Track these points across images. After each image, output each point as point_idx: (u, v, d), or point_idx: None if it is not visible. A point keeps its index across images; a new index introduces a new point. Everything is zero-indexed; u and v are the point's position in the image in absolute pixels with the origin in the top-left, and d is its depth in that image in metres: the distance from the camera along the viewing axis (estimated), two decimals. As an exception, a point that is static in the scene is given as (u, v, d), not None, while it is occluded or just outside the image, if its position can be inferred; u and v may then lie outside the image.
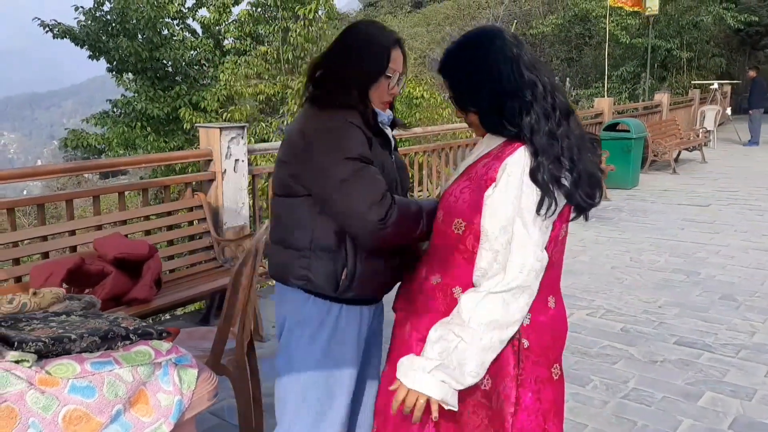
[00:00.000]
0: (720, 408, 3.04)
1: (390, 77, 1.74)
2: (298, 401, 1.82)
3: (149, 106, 10.91)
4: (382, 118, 1.77)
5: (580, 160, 1.47)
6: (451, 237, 1.54)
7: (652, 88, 15.45)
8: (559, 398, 1.57)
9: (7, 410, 1.25)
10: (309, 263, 1.71)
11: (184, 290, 3.67)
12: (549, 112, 1.46)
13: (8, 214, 3.40)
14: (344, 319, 1.76)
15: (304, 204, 1.71)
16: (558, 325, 1.57)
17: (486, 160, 1.53)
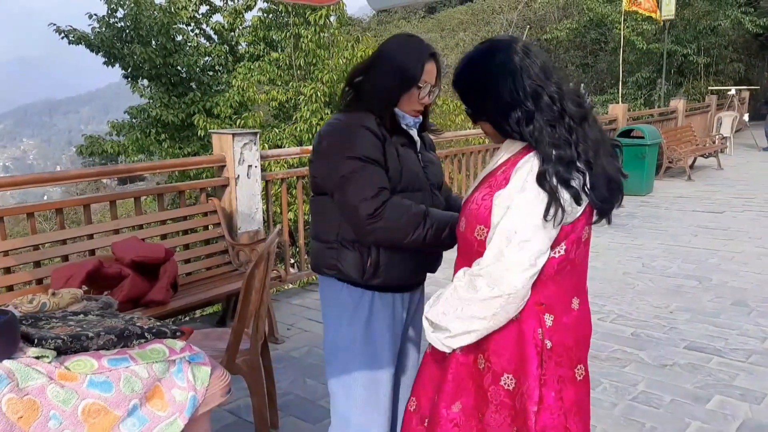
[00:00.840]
0: (728, 411, 3.05)
1: (421, 87, 1.85)
2: (346, 389, 1.95)
3: (164, 113, 11.03)
4: (406, 120, 1.90)
5: (597, 163, 1.50)
6: (473, 243, 1.58)
7: (668, 94, 15.36)
8: (583, 398, 1.60)
9: (30, 402, 1.32)
10: (337, 254, 1.87)
11: (200, 293, 3.74)
12: (557, 120, 1.49)
13: (27, 219, 3.50)
14: (377, 305, 1.90)
15: (328, 200, 1.85)
16: (582, 326, 1.59)
17: (504, 167, 1.57)
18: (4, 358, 1.33)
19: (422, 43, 1.90)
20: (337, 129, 1.85)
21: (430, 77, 1.86)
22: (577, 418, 1.55)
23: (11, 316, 1.39)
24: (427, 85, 1.86)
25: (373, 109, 1.84)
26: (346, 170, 1.76)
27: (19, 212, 3.58)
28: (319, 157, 1.87)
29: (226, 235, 4.20)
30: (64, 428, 1.34)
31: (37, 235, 3.53)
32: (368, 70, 1.89)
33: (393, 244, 1.81)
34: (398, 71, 1.84)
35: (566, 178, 1.43)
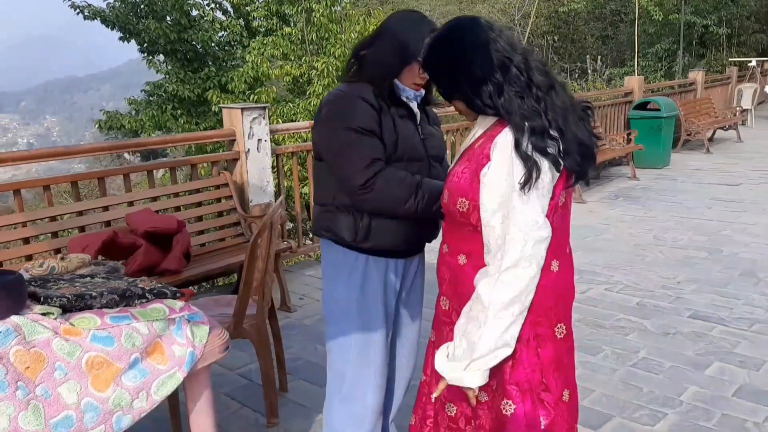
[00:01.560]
0: (727, 377, 3.10)
1: (421, 62, 1.87)
2: (341, 347, 2.04)
3: (180, 88, 11.11)
4: (407, 93, 1.95)
5: (568, 129, 1.55)
6: (456, 214, 1.63)
7: (689, 66, 15.08)
8: (563, 355, 1.65)
9: (36, 355, 1.42)
10: (333, 217, 1.95)
11: (213, 263, 3.85)
12: (524, 90, 1.53)
13: (44, 191, 3.62)
14: (371, 268, 1.97)
15: (326, 166, 1.93)
16: (562, 287, 1.63)
17: (481, 140, 1.61)
18: (12, 314, 1.43)
19: (424, 19, 1.95)
20: (336, 99, 1.92)
21: None
22: (556, 374, 1.62)
23: (18, 275, 1.49)
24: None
25: (373, 80, 1.90)
26: (341, 141, 1.83)
27: (36, 185, 3.70)
28: (318, 125, 1.94)
29: (238, 207, 4.29)
30: (69, 378, 1.44)
31: (54, 207, 3.66)
32: (372, 44, 1.94)
33: (386, 213, 1.88)
34: (399, 45, 1.88)
35: (541, 146, 1.47)
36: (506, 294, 1.49)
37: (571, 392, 1.67)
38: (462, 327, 1.58)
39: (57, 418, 1.42)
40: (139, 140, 4.32)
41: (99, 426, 1.48)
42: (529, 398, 1.60)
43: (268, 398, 2.80)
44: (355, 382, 2.02)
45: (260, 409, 2.90)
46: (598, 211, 6.56)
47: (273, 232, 2.66)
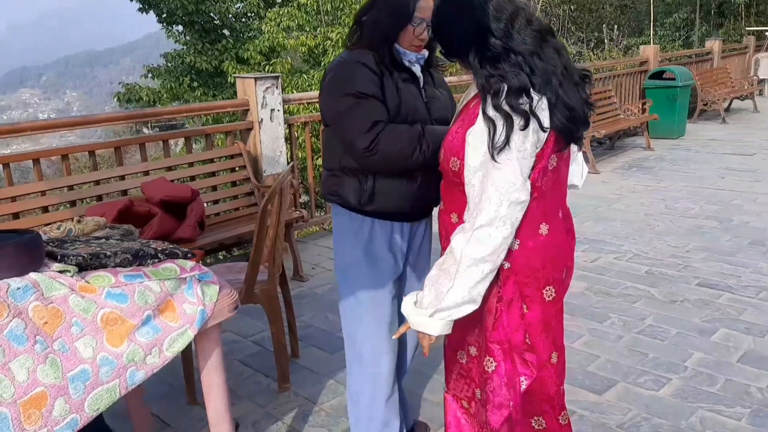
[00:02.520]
0: (732, 343, 3.14)
1: (416, 24, 1.90)
2: (351, 306, 2.11)
3: (197, 59, 11.18)
4: (409, 57, 1.96)
5: (550, 91, 1.54)
6: (450, 174, 1.68)
7: (706, 36, 14.78)
8: (552, 317, 1.69)
9: (54, 310, 1.49)
10: (339, 181, 2.00)
11: (226, 231, 3.93)
12: (500, 55, 1.54)
13: (63, 161, 3.70)
14: (377, 231, 2.02)
15: (332, 132, 1.98)
16: (551, 249, 1.66)
17: (475, 100, 1.65)
18: (30, 271, 1.50)
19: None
20: (337, 66, 1.95)
21: (424, 13, 1.89)
22: (544, 336, 1.66)
23: (36, 233, 1.56)
24: (422, 21, 1.90)
25: (372, 45, 1.93)
26: (342, 106, 1.86)
27: (54, 154, 3.78)
28: (322, 93, 1.98)
29: (252, 177, 4.35)
30: (85, 333, 1.51)
31: (72, 176, 3.74)
32: (369, 9, 1.97)
33: (396, 169, 1.91)
34: (393, 8, 1.91)
35: (512, 103, 1.50)
36: (478, 251, 1.53)
37: (559, 354, 1.72)
38: (433, 278, 1.63)
39: (74, 372, 1.49)
40: (155, 110, 4.39)
41: (114, 380, 1.55)
42: (509, 358, 1.66)
43: (279, 363, 2.88)
44: (365, 345, 2.09)
45: (272, 375, 2.99)
46: (610, 182, 6.55)
47: (283, 199, 2.71)
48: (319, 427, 2.63)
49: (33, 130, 3.55)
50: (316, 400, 2.82)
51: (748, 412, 2.57)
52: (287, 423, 2.66)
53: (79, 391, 1.48)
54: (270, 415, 2.73)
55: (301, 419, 2.68)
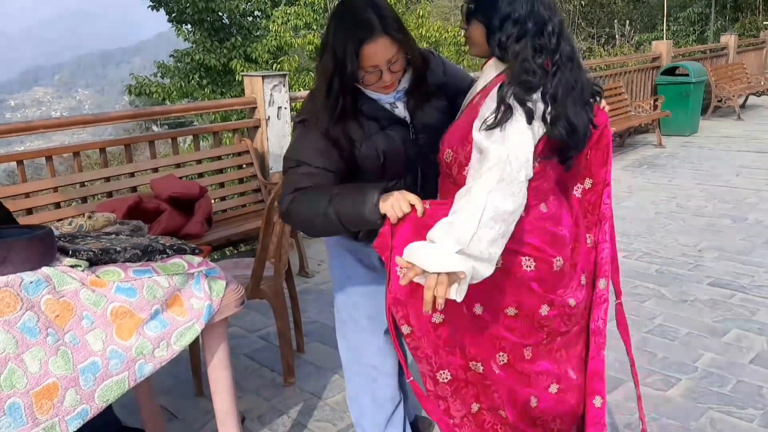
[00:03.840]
0: (744, 344, 3.10)
1: (369, 73, 1.67)
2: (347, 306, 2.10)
3: (206, 57, 11.28)
4: (385, 100, 1.76)
5: (562, 104, 1.52)
6: (443, 166, 1.69)
7: (721, 30, 14.65)
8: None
9: (65, 304, 1.51)
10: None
11: (233, 228, 3.96)
12: (546, 49, 1.53)
13: (74, 158, 3.73)
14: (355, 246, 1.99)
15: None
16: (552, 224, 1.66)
17: (478, 96, 1.64)
18: (43, 265, 1.52)
19: (358, 22, 1.64)
20: (298, 123, 1.79)
21: (373, 60, 1.64)
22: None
23: (48, 229, 1.57)
24: (376, 68, 1.66)
25: (321, 103, 1.70)
26: (284, 166, 1.79)
27: (66, 151, 3.82)
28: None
29: (258, 174, 4.37)
30: (95, 327, 1.53)
31: (82, 173, 3.78)
32: (322, 54, 1.71)
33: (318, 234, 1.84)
34: (336, 61, 1.65)
35: (521, 98, 1.48)
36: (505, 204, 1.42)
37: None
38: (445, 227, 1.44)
39: (84, 364, 1.51)
40: (164, 107, 4.42)
41: (123, 372, 1.56)
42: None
43: (284, 358, 2.90)
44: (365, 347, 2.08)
45: (278, 369, 3.01)
46: (621, 179, 6.50)
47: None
48: (323, 422, 2.64)
49: (46, 128, 3.59)
50: (321, 395, 2.83)
51: (760, 414, 2.54)
52: (292, 417, 2.68)
53: (89, 383, 1.50)
54: (275, 408, 2.74)
55: (306, 413, 2.70)
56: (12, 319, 1.42)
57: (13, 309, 1.43)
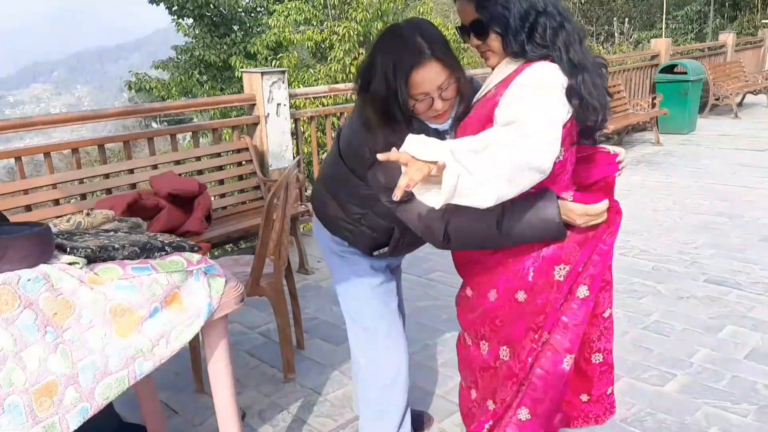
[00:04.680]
0: (739, 340, 3.12)
1: (417, 102, 1.63)
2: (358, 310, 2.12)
3: (206, 53, 11.28)
4: (442, 128, 1.72)
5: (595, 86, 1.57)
6: None
7: (720, 29, 14.65)
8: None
9: (64, 301, 1.52)
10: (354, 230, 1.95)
11: (232, 225, 3.96)
12: (578, 41, 1.55)
13: (73, 154, 3.74)
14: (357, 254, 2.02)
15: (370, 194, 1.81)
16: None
17: (493, 89, 1.62)
18: (41, 263, 1.53)
19: (407, 47, 1.60)
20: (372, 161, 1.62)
21: (424, 87, 1.61)
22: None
23: (46, 226, 1.58)
24: (427, 96, 1.62)
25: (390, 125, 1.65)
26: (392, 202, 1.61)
27: (65, 147, 3.82)
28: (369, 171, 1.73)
29: (258, 171, 4.38)
30: (94, 324, 1.54)
31: (82, 169, 3.78)
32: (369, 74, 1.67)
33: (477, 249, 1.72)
34: (389, 89, 1.61)
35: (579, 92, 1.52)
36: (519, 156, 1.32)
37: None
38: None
39: (84, 362, 1.51)
40: (163, 104, 4.41)
41: (122, 370, 1.57)
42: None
43: (284, 354, 2.91)
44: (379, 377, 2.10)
45: (278, 365, 3.03)
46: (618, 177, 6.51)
47: (289, 193, 2.73)
48: (324, 417, 2.66)
49: (44, 125, 3.59)
50: (321, 391, 2.84)
51: (754, 409, 2.56)
52: (292, 413, 2.69)
53: (89, 381, 1.51)
54: (275, 404, 2.76)
55: (306, 409, 2.71)
56: (10, 317, 1.42)
57: (11, 307, 1.43)
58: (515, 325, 1.71)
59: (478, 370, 1.84)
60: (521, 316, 1.69)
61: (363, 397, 2.17)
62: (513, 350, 1.74)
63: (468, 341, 1.88)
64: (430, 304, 3.69)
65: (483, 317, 1.77)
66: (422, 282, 4.02)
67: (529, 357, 1.71)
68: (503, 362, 1.76)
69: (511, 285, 1.69)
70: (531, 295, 1.68)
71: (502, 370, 1.77)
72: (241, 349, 3.26)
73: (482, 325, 1.78)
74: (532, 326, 1.69)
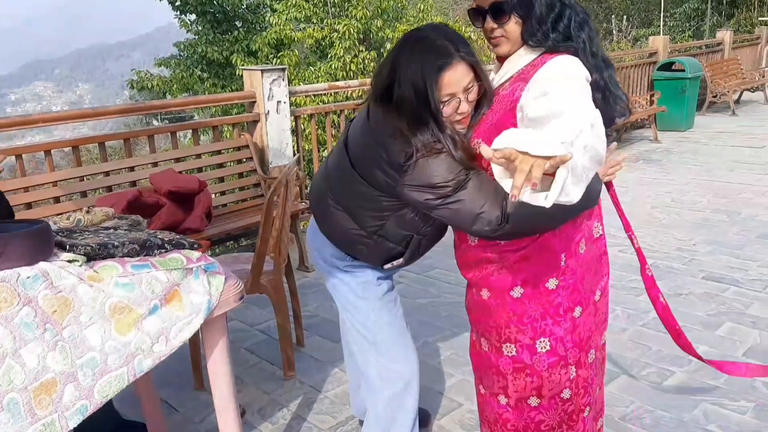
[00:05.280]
0: (737, 337, 3.13)
1: (446, 103, 1.60)
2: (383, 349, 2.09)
3: (209, 49, 11.31)
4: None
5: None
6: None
7: (717, 26, 14.64)
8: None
9: (63, 299, 1.52)
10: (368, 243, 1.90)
11: (232, 222, 3.97)
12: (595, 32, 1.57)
13: (73, 152, 3.75)
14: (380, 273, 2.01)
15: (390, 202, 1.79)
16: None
17: (507, 84, 1.60)
18: (40, 260, 1.53)
19: (434, 48, 1.58)
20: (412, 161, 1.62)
21: (451, 87, 1.58)
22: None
23: (45, 223, 1.58)
24: (454, 96, 1.59)
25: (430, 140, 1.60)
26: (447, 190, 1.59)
27: (65, 145, 3.82)
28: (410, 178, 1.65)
29: (258, 169, 4.39)
30: (93, 322, 1.54)
31: (82, 167, 3.79)
32: (392, 76, 1.63)
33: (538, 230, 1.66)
34: (417, 93, 1.58)
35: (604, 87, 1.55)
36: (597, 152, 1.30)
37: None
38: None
39: (83, 359, 1.52)
40: (164, 102, 4.42)
41: (122, 368, 1.58)
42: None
43: (284, 352, 2.92)
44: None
45: (278, 363, 3.03)
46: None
47: (289, 190, 2.74)
48: (323, 414, 2.67)
49: (45, 122, 3.60)
50: (321, 388, 2.85)
51: (752, 406, 2.57)
52: (292, 410, 2.70)
53: (88, 378, 1.51)
54: (275, 401, 2.77)
55: (306, 406, 2.72)
56: (9, 315, 1.43)
57: (11, 304, 1.43)
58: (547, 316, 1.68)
59: (511, 373, 1.74)
60: (551, 303, 1.68)
61: (373, 408, 2.13)
62: (554, 341, 1.70)
63: (484, 347, 1.80)
64: (429, 302, 3.70)
65: (507, 317, 1.71)
66: (421, 279, 4.03)
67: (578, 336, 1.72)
68: (542, 356, 1.71)
69: (542, 275, 1.65)
70: (564, 279, 1.67)
71: (543, 364, 1.72)
72: (241, 347, 3.27)
73: (506, 326, 1.71)
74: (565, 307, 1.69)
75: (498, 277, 1.69)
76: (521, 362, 1.72)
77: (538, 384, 1.72)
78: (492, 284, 1.71)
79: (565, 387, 1.74)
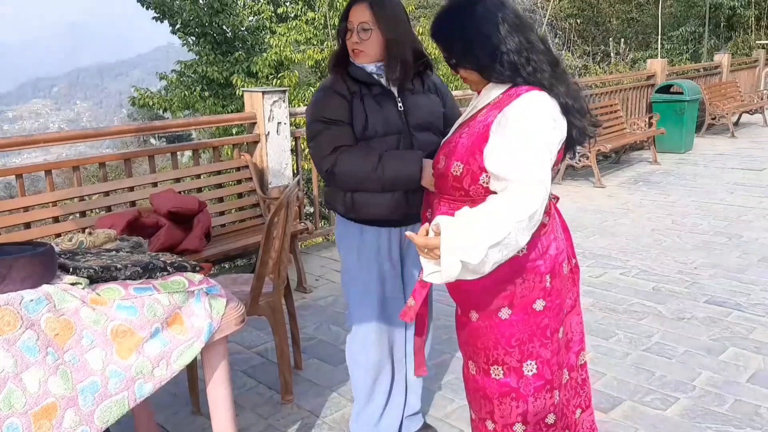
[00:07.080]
0: (741, 362, 3.11)
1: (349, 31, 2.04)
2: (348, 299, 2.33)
3: (209, 69, 11.43)
4: (369, 69, 2.07)
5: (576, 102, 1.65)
6: (450, 179, 1.69)
7: (715, 49, 14.77)
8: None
9: (65, 322, 1.51)
10: (331, 192, 2.22)
11: (232, 243, 3.95)
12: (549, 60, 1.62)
13: (73, 171, 3.73)
14: (366, 235, 2.19)
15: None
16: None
17: (483, 110, 1.66)
18: (43, 283, 1.52)
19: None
20: (316, 92, 2.15)
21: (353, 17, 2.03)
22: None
23: (49, 246, 1.57)
24: (352, 25, 2.02)
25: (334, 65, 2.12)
26: (309, 133, 2.08)
27: (66, 165, 3.81)
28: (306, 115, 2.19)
29: (258, 189, 4.38)
30: (95, 345, 1.52)
31: (82, 186, 3.77)
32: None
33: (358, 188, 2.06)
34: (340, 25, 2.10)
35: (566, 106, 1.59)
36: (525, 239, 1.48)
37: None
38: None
39: (84, 383, 1.50)
40: (164, 122, 4.42)
41: (122, 392, 1.56)
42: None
43: (282, 374, 2.88)
44: (356, 336, 2.30)
45: (276, 386, 2.99)
46: (616, 196, 6.54)
47: (289, 212, 2.73)
48: (323, 441, 2.62)
49: (46, 142, 3.59)
50: (319, 413, 2.81)
51: (757, 433, 2.54)
52: (291, 436, 2.66)
53: (88, 403, 1.49)
54: (272, 427, 2.72)
55: (305, 432, 2.68)
56: (12, 338, 1.41)
57: (13, 327, 1.42)
58: (534, 338, 1.70)
59: (497, 397, 1.76)
60: (539, 325, 1.70)
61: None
62: (541, 364, 1.72)
63: (472, 370, 1.82)
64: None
65: (496, 339, 1.72)
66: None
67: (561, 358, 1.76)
68: (528, 379, 1.72)
69: (530, 296, 1.69)
70: (550, 300, 1.70)
71: (530, 388, 1.73)
72: (238, 369, 3.22)
73: (494, 347, 1.73)
74: (552, 329, 1.72)
75: (486, 299, 1.71)
76: (507, 386, 1.74)
77: (524, 410, 1.74)
78: (480, 306, 1.74)
79: (549, 412, 1.76)
